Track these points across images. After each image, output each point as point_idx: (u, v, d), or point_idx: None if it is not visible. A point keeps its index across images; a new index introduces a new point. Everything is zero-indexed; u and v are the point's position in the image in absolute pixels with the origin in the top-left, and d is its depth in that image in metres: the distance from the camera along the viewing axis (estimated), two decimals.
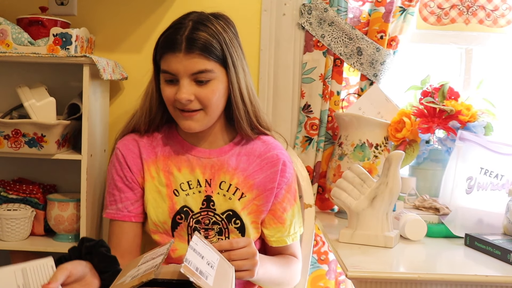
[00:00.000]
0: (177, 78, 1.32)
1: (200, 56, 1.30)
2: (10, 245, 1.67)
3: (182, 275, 0.89)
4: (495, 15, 1.97)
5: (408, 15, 1.85)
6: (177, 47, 1.30)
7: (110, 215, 1.43)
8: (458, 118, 1.69)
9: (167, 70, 1.32)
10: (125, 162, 1.42)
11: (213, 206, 1.40)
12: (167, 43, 1.32)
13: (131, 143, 1.45)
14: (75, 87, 1.80)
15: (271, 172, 1.44)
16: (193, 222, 1.40)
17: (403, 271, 1.29)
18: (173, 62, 1.31)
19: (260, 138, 1.48)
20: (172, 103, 1.35)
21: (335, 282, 1.99)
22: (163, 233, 1.41)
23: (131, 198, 1.42)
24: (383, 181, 1.42)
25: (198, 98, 1.32)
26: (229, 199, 1.41)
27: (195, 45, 1.29)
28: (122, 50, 1.89)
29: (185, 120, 1.35)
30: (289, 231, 1.47)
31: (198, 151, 1.43)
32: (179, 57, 1.30)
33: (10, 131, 1.58)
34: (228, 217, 1.41)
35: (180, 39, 1.30)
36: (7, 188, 1.76)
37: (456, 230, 1.53)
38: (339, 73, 1.87)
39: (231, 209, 1.41)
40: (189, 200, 1.40)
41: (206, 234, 1.40)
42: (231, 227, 1.41)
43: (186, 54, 1.29)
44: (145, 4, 1.88)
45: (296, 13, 1.88)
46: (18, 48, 1.59)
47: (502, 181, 1.63)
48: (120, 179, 1.43)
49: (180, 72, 1.31)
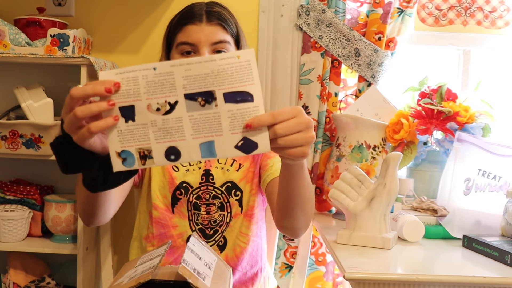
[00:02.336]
0: (197, 49, 1.33)
1: (220, 26, 1.35)
2: (7, 246, 1.67)
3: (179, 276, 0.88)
4: (493, 16, 1.97)
5: (406, 16, 1.85)
6: (197, 17, 1.34)
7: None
8: (456, 119, 1.69)
9: (187, 40, 1.34)
10: None
11: (212, 180, 1.42)
12: (188, 16, 1.36)
13: None
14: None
15: None
16: (193, 198, 1.41)
17: (401, 273, 1.28)
18: (194, 31, 1.33)
19: None
20: None
21: (333, 283, 1.99)
22: (164, 209, 1.41)
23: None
24: (381, 183, 1.42)
25: None
26: (227, 171, 1.43)
27: (215, 15, 1.35)
28: (119, 51, 1.89)
29: None
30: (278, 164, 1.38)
31: None
32: (201, 26, 1.33)
33: (7, 132, 1.57)
34: (228, 189, 1.42)
35: (200, 12, 1.35)
36: (4, 189, 1.76)
37: (454, 231, 1.53)
38: (337, 75, 1.87)
39: (229, 180, 1.42)
40: (189, 176, 1.42)
41: (208, 210, 1.41)
42: (232, 200, 1.42)
43: (207, 23, 1.33)
44: (142, 6, 1.88)
45: (294, 14, 1.88)
46: (15, 49, 1.59)
47: (500, 182, 1.63)
48: None
49: (202, 41, 1.33)
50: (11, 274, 1.72)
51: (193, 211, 1.41)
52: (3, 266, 1.79)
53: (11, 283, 1.72)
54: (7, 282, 1.72)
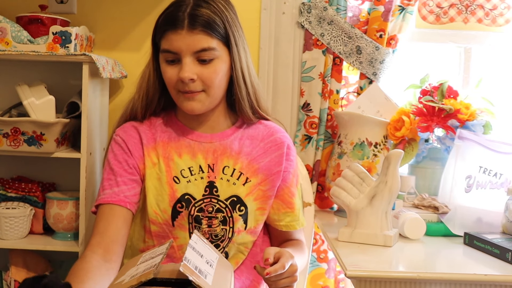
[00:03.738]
0: (179, 57, 1.27)
1: (204, 33, 1.26)
2: (9, 243, 1.67)
3: (181, 274, 0.88)
4: (493, 14, 1.97)
5: (407, 14, 1.85)
6: (179, 24, 1.25)
7: (103, 199, 1.30)
8: (457, 116, 1.69)
9: (169, 49, 1.27)
10: (126, 147, 1.35)
11: (217, 193, 1.34)
12: (169, 21, 1.28)
13: (131, 129, 1.38)
14: (74, 86, 1.80)
15: (276, 155, 1.40)
16: (195, 211, 1.33)
17: (402, 270, 1.29)
18: (175, 40, 1.26)
19: (262, 122, 1.44)
20: (174, 85, 1.30)
21: (335, 280, 1.99)
22: (163, 223, 1.33)
23: (129, 183, 1.32)
24: (382, 180, 1.42)
25: (201, 78, 1.27)
26: (233, 184, 1.35)
27: (198, 21, 1.25)
28: (121, 49, 1.89)
29: (188, 101, 1.30)
30: (298, 217, 1.42)
31: (199, 136, 1.37)
32: (182, 34, 1.25)
33: (9, 129, 1.58)
34: (232, 203, 1.35)
35: (182, 16, 1.26)
36: (6, 187, 1.76)
37: (455, 228, 1.53)
38: (338, 72, 1.87)
39: (235, 194, 1.35)
40: (191, 187, 1.33)
41: (210, 223, 1.33)
42: (235, 215, 1.34)
43: (188, 30, 1.25)
44: (144, 3, 1.88)
45: (295, 12, 1.88)
46: (17, 46, 1.59)
47: (501, 179, 1.63)
48: (119, 164, 1.33)
49: (183, 50, 1.26)
50: (13, 272, 1.72)
51: (193, 224, 1.33)
52: (5, 264, 1.80)
53: (13, 281, 1.72)
54: (9, 280, 1.72)
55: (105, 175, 1.35)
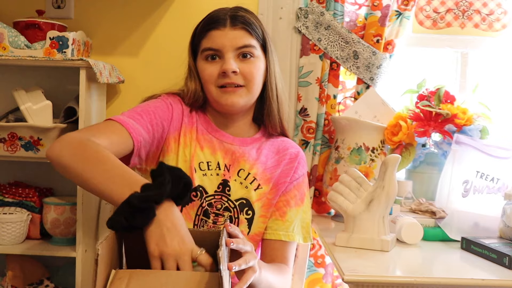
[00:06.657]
0: (221, 54, 1.34)
1: (245, 30, 1.35)
2: (6, 248, 1.67)
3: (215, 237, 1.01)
4: (490, 19, 1.98)
5: (404, 19, 1.85)
6: (222, 22, 1.35)
7: (121, 120, 1.26)
8: (454, 121, 1.70)
9: (211, 46, 1.35)
10: (171, 109, 1.38)
11: (229, 191, 1.38)
12: (211, 21, 1.36)
13: (179, 101, 1.43)
14: (71, 91, 1.80)
15: (287, 168, 1.44)
16: (206, 204, 1.36)
17: (400, 275, 1.29)
18: (217, 37, 1.34)
19: (279, 138, 1.50)
20: (214, 80, 1.36)
21: (332, 285, 1.99)
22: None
23: (148, 132, 1.31)
24: (380, 185, 1.42)
25: (242, 73, 1.35)
26: (246, 187, 1.39)
27: (239, 19, 1.36)
28: (119, 53, 1.89)
29: (228, 95, 1.36)
30: (287, 229, 1.41)
31: (223, 135, 1.42)
32: (225, 31, 1.34)
33: (6, 135, 1.58)
34: (241, 205, 1.38)
35: (224, 17, 1.36)
36: (3, 192, 1.76)
37: (452, 233, 1.53)
38: (335, 77, 1.88)
39: (245, 197, 1.38)
40: (205, 181, 1.37)
41: (216, 220, 1.36)
42: (241, 217, 1.37)
43: (231, 28, 1.35)
44: (142, 8, 1.89)
45: (292, 17, 1.88)
46: (14, 51, 1.59)
47: (498, 184, 1.63)
48: (153, 114, 1.33)
49: (226, 46, 1.34)
50: (10, 277, 1.72)
51: (201, 217, 1.36)
52: (1, 269, 1.79)
53: (10, 286, 1.71)
54: (6, 285, 1.72)
55: (136, 107, 1.34)
